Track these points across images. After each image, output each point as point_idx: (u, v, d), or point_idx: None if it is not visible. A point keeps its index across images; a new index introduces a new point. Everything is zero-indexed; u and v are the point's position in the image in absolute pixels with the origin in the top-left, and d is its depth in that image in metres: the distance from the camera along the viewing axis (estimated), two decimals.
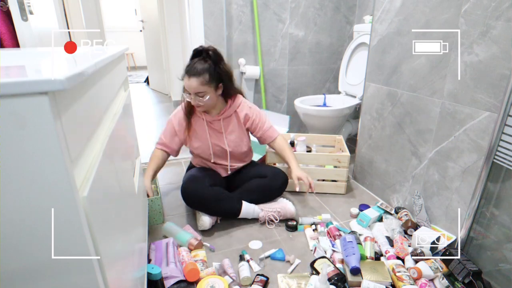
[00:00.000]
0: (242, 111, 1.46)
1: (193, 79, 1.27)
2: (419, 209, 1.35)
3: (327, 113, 1.98)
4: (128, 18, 6.18)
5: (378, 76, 1.57)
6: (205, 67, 1.28)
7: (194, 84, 1.27)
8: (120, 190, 0.69)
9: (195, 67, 1.27)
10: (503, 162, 0.99)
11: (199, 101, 1.32)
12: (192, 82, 1.27)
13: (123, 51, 0.97)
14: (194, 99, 1.31)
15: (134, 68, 6.49)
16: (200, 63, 1.28)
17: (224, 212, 1.40)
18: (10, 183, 0.36)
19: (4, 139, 0.34)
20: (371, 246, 1.20)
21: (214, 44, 2.02)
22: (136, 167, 1.06)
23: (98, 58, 0.56)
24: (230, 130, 1.45)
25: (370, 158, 1.70)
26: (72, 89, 0.41)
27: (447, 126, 1.22)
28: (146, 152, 2.25)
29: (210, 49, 1.31)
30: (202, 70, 1.27)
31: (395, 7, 1.41)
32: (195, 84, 1.27)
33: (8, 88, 0.33)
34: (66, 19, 2.48)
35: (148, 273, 0.99)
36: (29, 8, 1.49)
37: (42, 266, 0.41)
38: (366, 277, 1.05)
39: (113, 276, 0.52)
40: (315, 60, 2.38)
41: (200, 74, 1.27)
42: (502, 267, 1.07)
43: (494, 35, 1.01)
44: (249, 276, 1.09)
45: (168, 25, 3.52)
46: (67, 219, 0.40)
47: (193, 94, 1.30)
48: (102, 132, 0.61)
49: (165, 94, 4.26)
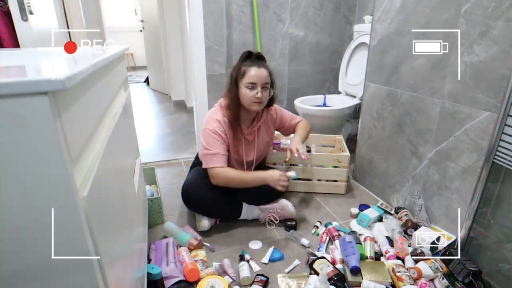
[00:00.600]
0: (271, 116, 1.47)
1: (263, 69, 1.26)
2: (419, 209, 1.35)
3: (327, 113, 1.98)
4: (128, 18, 6.18)
5: (378, 76, 1.57)
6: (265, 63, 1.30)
7: (265, 73, 1.27)
8: (120, 190, 0.69)
9: (261, 60, 1.28)
10: (503, 162, 0.99)
11: (264, 95, 1.28)
12: (263, 72, 1.26)
13: (123, 51, 0.97)
14: (260, 92, 1.26)
15: (134, 68, 6.49)
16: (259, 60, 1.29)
17: (224, 214, 1.40)
18: (10, 183, 0.36)
19: (4, 139, 0.34)
20: (371, 246, 1.20)
21: (214, 44, 2.03)
22: (136, 167, 1.06)
23: (98, 58, 0.56)
24: (261, 139, 1.45)
25: (370, 158, 1.70)
26: (72, 89, 0.41)
27: (447, 126, 1.22)
28: (146, 152, 2.26)
29: (258, 52, 1.32)
30: (265, 64, 1.29)
31: (395, 7, 1.41)
32: (266, 74, 1.27)
33: (8, 88, 0.33)
34: (66, 19, 2.48)
35: (148, 273, 0.99)
36: (29, 8, 1.49)
37: (42, 266, 0.41)
38: (366, 277, 1.05)
39: (113, 276, 0.52)
40: (315, 60, 2.38)
41: (267, 67, 1.29)
42: (502, 267, 1.07)
43: (494, 35, 1.01)
44: (249, 276, 1.09)
45: (168, 25, 3.52)
46: (67, 219, 0.40)
47: (259, 86, 1.26)
48: (102, 132, 0.61)
49: (165, 94, 4.26)
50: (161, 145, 2.45)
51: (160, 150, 2.35)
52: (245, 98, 1.28)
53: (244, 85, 1.27)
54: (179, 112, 3.38)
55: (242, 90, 1.28)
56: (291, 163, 1.59)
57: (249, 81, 1.25)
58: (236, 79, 1.29)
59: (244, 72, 1.27)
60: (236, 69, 1.29)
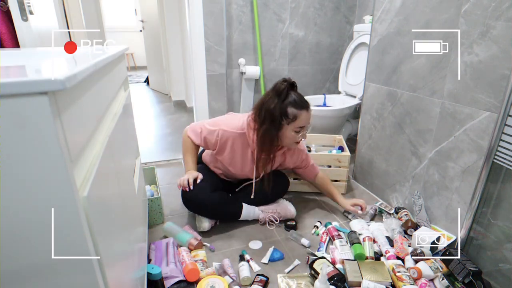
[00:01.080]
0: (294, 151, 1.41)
1: (310, 112, 1.23)
2: (419, 209, 1.35)
3: (327, 113, 1.98)
4: (128, 18, 6.19)
5: (378, 76, 1.57)
6: None
7: (310, 115, 1.23)
8: (120, 190, 0.69)
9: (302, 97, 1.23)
10: (503, 162, 0.99)
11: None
12: (310, 115, 1.23)
13: (123, 51, 0.97)
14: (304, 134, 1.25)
15: (134, 68, 6.49)
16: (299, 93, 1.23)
17: (224, 216, 1.40)
18: (10, 183, 0.36)
19: (4, 139, 0.34)
20: (370, 246, 1.20)
21: (214, 44, 2.03)
22: (136, 167, 1.06)
23: (98, 58, 0.56)
24: (275, 163, 1.39)
25: (370, 158, 1.70)
26: (72, 89, 0.41)
27: (447, 126, 1.22)
28: (146, 152, 2.26)
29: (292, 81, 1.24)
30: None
31: (395, 7, 1.41)
32: (310, 116, 1.24)
33: (8, 88, 0.33)
34: (66, 19, 2.48)
35: (148, 273, 0.99)
36: (29, 8, 1.49)
37: (42, 266, 0.41)
38: (366, 277, 1.05)
39: (113, 276, 0.52)
40: (315, 60, 2.38)
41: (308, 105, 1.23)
42: (502, 267, 1.07)
43: (494, 35, 1.01)
44: (249, 276, 1.09)
45: (168, 25, 3.52)
46: (67, 219, 0.40)
47: (306, 128, 1.25)
48: (102, 132, 0.61)
49: (165, 94, 4.26)
50: (161, 145, 2.45)
51: (160, 150, 2.35)
52: (289, 139, 1.24)
53: (293, 129, 1.21)
54: (179, 112, 3.38)
55: (287, 132, 1.22)
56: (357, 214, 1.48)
57: (301, 125, 1.21)
58: (280, 120, 1.20)
59: (295, 116, 1.19)
60: (280, 109, 1.19)
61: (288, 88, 1.20)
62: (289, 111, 1.19)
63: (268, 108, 1.19)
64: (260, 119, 1.22)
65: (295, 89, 1.24)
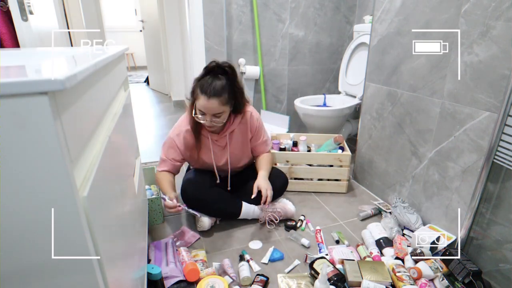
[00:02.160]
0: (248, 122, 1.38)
1: (214, 100, 1.17)
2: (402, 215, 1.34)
3: (327, 113, 1.98)
4: (128, 18, 6.18)
5: (378, 76, 1.57)
6: (224, 85, 1.19)
7: (215, 105, 1.18)
8: (120, 190, 0.69)
9: (214, 86, 1.17)
10: (503, 162, 0.99)
11: (215, 122, 1.23)
12: (212, 103, 1.17)
13: (123, 51, 0.97)
14: (210, 121, 1.22)
15: (134, 68, 6.49)
16: (217, 81, 1.18)
17: (224, 213, 1.40)
18: (10, 183, 0.36)
19: (4, 139, 0.34)
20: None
21: (214, 44, 2.03)
22: (136, 167, 1.06)
23: (98, 58, 0.56)
24: (234, 144, 1.39)
25: (370, 158, 1.70)
26: (72, 89, 0.41)
27: (447, 126, 1.22)
28: (146, 152, 2.26)
29: (225, 65, 1.21)
30: (221, 89, 1.18)
31: (395, 7, 1.41)
32: (216, 105, 1.18)
33: (8, 88, 0.33)
34: (66, 19, 2.48)
35: (148, 273, 0.99)
36: (29, 8, 1.49)
37: (42, 266, 0.41)
38: (366, 277, 1.05)
39: (113, 276, 0.52)
40: (315, 60, 2.38)
41: (221, 94, 1.18)
42: (502, 267, 1.07)
43: (494, 35, 1.01)
44: (249, 276, 1.09)
45: (168, 25, 3.52)
46: (67, 219, 0.40)
47: (209, 115, 1.21)
48: (102, 132, 0.61)
49: (165, 94, 4.26)
50: (161, 145, 2.44)
51: (160, 150, 2.35)
52: (197, 119, 1.25)
53: (196, 108, 1.22)
54: (179, 112, 3.38)
55: (196, 111, 1.23)
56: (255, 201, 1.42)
57: (198, 107, 1.21)
58: (192, 96, 1.24)
59: (196, 96, 1.21)
60: (193, 85, 1.22)
61: (209, 70, 1.21)
62: (196, 91, 1.21)
63: (192, 88, 1.24)
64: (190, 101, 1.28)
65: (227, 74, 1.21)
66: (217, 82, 1.18)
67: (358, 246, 1.25)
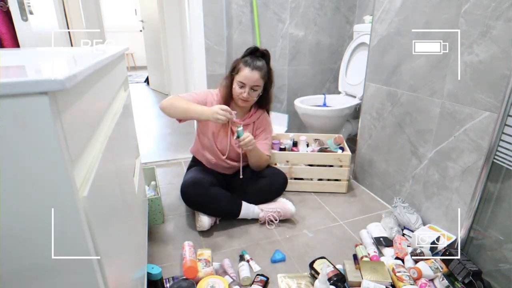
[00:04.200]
0: (261, 121, 1.51)
1: (256, 72, 1.33)
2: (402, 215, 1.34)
3: (327, 113, 1.98)
4: (128, 18, 6.18)
5: (378, 76, 1.57)
6: (264, 64, 1.37)
7: (257, 76, 1.33)
8: (120, 190, 0.69)
9: (256, 62, 1.34)
10: (503, 162, 0.99)
11: (252, 95, 1.37)
12: (255, 74, 1.33)
13: (123, 51, 0.97)
14: (248, 92, 1.34)
15: (134, 68, 6.49)
16: (259, 59, 1.36)
17: (223, 213, 1.40)
18: (10, 183, 0.36)
19: (4, 139, 0.34)
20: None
21: (214, 44, 2.02)
22: (136, 167, 1.06)
23: (98, 58, 0.56)
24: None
25: (370, 158, 1.70)
26: (72, 89, 0.41)
27: (447, 126, 1.22)
28: (146, 152, 2.26)
29: (263, 49, 1.39)
30: (262, 65, 1.36)
31: (395, 7, 1.41)
32: (257, 77, 1.33)
33: (8, 88, 0.33)
34: (66, 19, 2.48)
35: (148, 273, 0.99)
36: (29, 8, 1.49)
37: (42, 266, 0.41)
38: (366, 277, 1.05)
39: (113, 276, 0.52)
40: (315, 60, 2.38)
41: (262, 69, 1.35)
42: (502, 267, 1.07)
43: (494, 35, 1.01)
44: (249, 276, 1.09)
45: (168, 25, 3.52)
46: (67, 219, 0.40)
47: (248, 87, 1.34)
48: (102, 132, 0.61)
49: (165, 94, 4.26)
50: (161, 145, 2.45)
51: (160, 150, 2.35)
52: (234, 92, 1.38)
53: (236, 81, 1.36)
54: None
55: (234, 83, 1.38)
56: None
57: (239, 79, 1.35)
58: (232, 71, 1.39)
59: (239, 69, 1.35)
60: (235, 63, 1.39)
61: (254, 49, 1.39)
62: (239, 65, 1.37)
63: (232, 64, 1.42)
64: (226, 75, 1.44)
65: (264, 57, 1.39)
66: (259, 60, 1.37)
67: (357, 246, 1.24)
